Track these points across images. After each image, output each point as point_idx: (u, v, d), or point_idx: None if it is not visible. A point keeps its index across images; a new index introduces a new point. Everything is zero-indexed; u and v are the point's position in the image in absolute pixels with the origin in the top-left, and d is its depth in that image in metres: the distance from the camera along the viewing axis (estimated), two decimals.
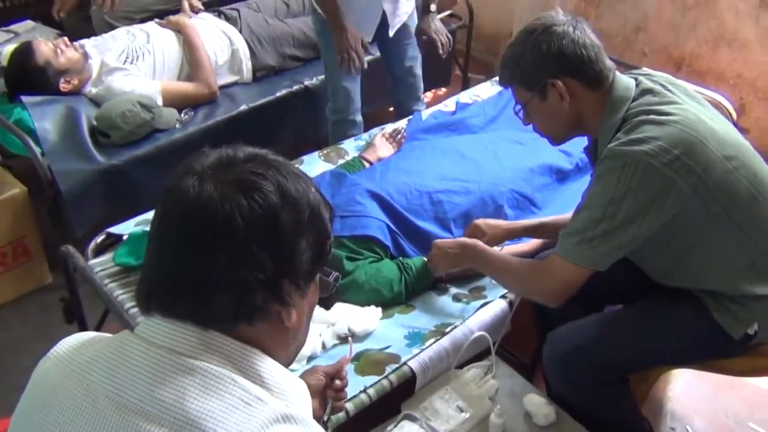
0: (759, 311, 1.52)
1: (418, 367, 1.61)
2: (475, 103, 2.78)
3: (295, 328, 0.86)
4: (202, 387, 0.76)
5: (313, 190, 0.85)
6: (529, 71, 1.51)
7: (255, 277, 0.78)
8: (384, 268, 1.84)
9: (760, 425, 2.08)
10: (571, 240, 1.45)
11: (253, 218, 0.77)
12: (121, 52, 2.74)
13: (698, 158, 1.37)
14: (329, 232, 0.87)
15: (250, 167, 0.81)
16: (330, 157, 2.45)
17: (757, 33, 3.08)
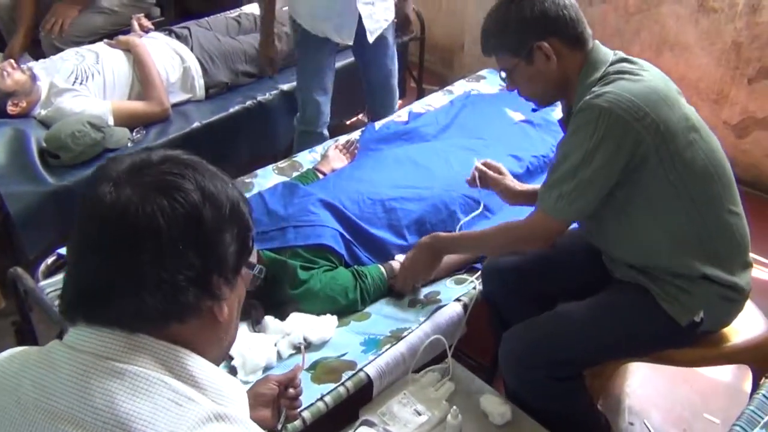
0: (702, 296, 1.56)
1: (374, 373, 1.62)
2: (427, 113, 2.82)
3: (227, 322, 0.87)
4: (131, 390, 0.76)
5: (231, 186, 0.86)
6: (514, 37, 1.57)
7: (184, 275, 0.78)
8: (339, 276, 1.85)
9: (714, 415, 2.13)
10: (551, 194, 1.54)
11: (176, 218, 0.77)
12: (70, 73, 2.72)
13: (665, 120, 1.45)
14: (250, 225, 0.88)
15: (165, 168, 0.81)
16: (284, 170, 2.46)
17: (697, 36, 3.18)
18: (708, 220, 1.54)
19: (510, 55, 1.60)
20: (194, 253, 0.79)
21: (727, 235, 1.57)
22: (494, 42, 1.62)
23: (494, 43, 1.62)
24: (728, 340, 1.69)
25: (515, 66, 1.60)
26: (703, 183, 1.52)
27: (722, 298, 1.60)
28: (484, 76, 3.19)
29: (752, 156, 3.21)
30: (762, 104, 3.10)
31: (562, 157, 1.52)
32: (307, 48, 2.65)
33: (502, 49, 1.61)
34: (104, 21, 3.47)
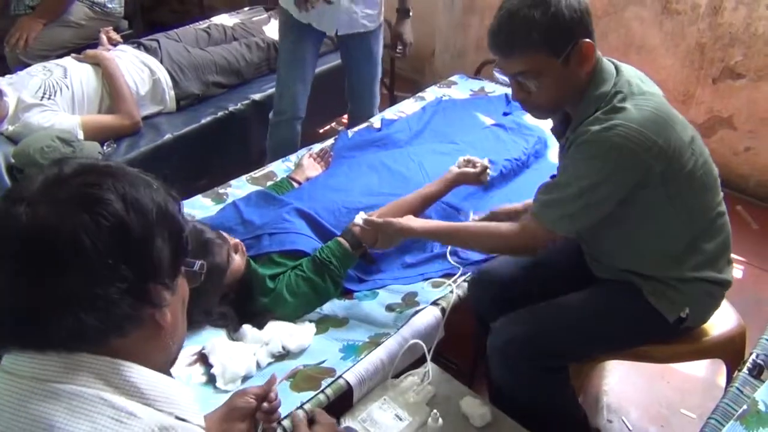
0: (689, 294, 1.60)
1: (354, 380, 1.62)
2: (400, 119, 2.83)
3: (172, 326, 0.85)
4: (69, 411, 0.74)
5: (155, 187, 0.83)
6: (561, 31, 1.42)
7: (118, 288, 0.76)
8: (304, 272, 1.83)
9: (691, 410, 2.16)
10: (553, 212, 1.53)
11: (100, 232, 0.74)
12: (37, 88, 2.68)
13: (672, 144, 1.45)
14: (182, 225, 0.85)
15: (82, 180, 0.77)
16: (258, 180, 2.45)
17: (662, 39, 3.24)
18: (701, 226, 1.58)
19: (546, 54, 1.44)
20: (126, 265, 0.76)
21: (717, 237, 1.61)
22: (537, 37, 1.41)
23: (538, 39, 1.41)
24: (702, 335, 1.72)
25: (546, 67, 1.45)
26: (698, 193, 1.55)
27: (708, 295, 1.64)
28: (455, 82, 3.22)
29: (719, 154, 3.25)
30: (726, 103, 3.17)
31: (568, 180, 1.50)
32: (291, 35, 2.69)
33: (540, 46, 1.43)
34: (71, 34, 3.44)
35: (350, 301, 1.94)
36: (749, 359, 1.61)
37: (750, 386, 1.54)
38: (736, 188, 3.24)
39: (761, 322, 1.79)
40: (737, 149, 3.22)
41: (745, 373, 1.58)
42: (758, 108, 3.08)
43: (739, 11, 2.96)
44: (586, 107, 1.50)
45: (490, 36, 1.49)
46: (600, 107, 1.48)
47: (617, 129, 1.42)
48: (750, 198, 3.22)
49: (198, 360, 1.69)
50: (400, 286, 1.97)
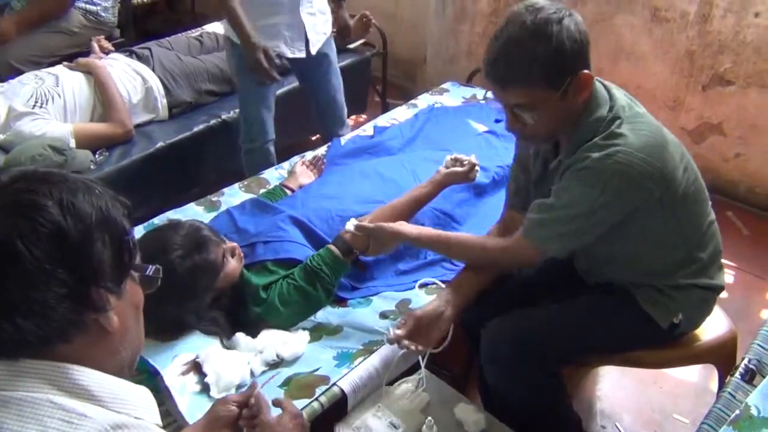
0: (682, 300, 1.61)
1: (348, 387, 1.62)
2: (392, 126, 2.84)
3: (121, 332, 0.84)
4: (18, 417, 0.74)
5: (97, 192, 0.82)
6: (562, 65, 1.39)
7: (55, 293, 0.75)
8: (295, 281, 1.82)
9: (684, 415, 2.17)
10: (544, 232, 1.52)
11: (38, 238, 0.74)
12: (29, 97, 2.68)
13: (669, 167, 1.45)
14: (125, 228, 0.84)
15: (19, 187, 0.78)
16: (251, 187, 2.45)
17: (652, 46, 3.27)
18: (694, 239, 1.59)
19: (545, 88, 1.40)
20: (63, 270, 0.76)
21: (710, 245, 1.62)
22: (536, 69, 1.37)
23: (532, 72, 1.38)
24: (693, 340, 1.73)
25: (543, 100, 1.42)
26: (691, 209, 1.55)
27: (701, 300, 1.65)
28: (447, 89, 3.23)
29: (709, 161, 3.29)
30: (716, 110, 3.19)
31: (563, 204, 1.49)
32: (244, 67, 2.57)
33: (539, 80, 1.39)
34: (64, 42, 3.44)
35: (344, 308, 1.94)
36: (741, 364, 1.62)
37: (742, 391, 1.56)
38: (726, 194, 3.26)
39: (753, 327, 1.80)
40: (727, 155, 3.24)
41: (737, 378, 1.59)
42: (747, 114, 3.11)
43: (728, 19, 2.99)
44: (583, 133, 1.49)
45: (487, 65, 1.44)
46: (598, 132, 1.46)
47: (618, 156, 1.40)
48: (740, 204, 3.24)
49: (192, 369, 1.68)
50: (393, 293, 1.97)
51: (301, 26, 2.61)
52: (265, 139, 2.76)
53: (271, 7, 2.52)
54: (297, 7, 2.56)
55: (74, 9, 3.50)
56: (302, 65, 2.75)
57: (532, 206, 1.57)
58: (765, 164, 3.14)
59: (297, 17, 2.58)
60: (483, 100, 3.09)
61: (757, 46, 2.95)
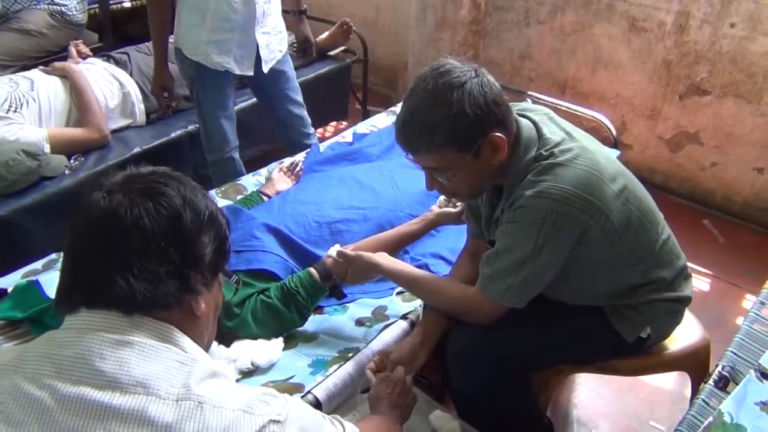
0: (650, 314, 1.61)
1: (322, 395, 1.60)
2: (371, 133, 2.84)
3: (205, 318, 0.99)
4: (142, 355, 0.88)
5: (210, 200, 0.99)
6: (466, 130, 1.37)
7: (165, 268, 0.91)
8: (271, 300, 1.79)
9: (660, 422, 2.18)
10: (498, 285, 1.50)
11: (159, 218, 0.91)
12: (3, 101, 2.63)
13: (604, 198, 1.42)
14: (227, 234, 1.01)
15: (153, 178, 0.95)
16: (228, 193, 2.43)
17: (630, 55, 3.30)
18: (650, 259, 1.57)
19: (454, 152, 1.39)
20: (174, 250, 0.91)
21: (667, 263, 1.61)
22: (440, 139, 1.37)
23: (440, 141, 1.37)
24: (667, 348, 1.74)
25: (456, 162, 1.41)
26: (638, 234, 1.53)
27: (668, 312, 1.65)
28: None
29: (686, 169, 3.33)
30: (693, 119, 3.23)
31: (507, 247, 1.47)
32: (206, 81, 2.58)
33: (446, 146, 1.38)
34: (33, 44, 3.38)
35: (320, 316, 1.93)
36: (715, 371, 1.63)
37: (716, 398, 1.56)
38: (702, 202, 3.30)
39: (728, 336, 1.81)
40: (704, 164, 3.28)
41: (710, 385, 1.59)
42: (723, 124, 3.14)
43: (704, 29, 3.03)
44: (514, 178, 1.47)
45: (395, 130, 1.45)
46: (529, 172, 1.45)
47: (551, 192, 1.39)
48: (716, 212, 3.28)
49: None
50: (370, 300, 1.96)
51: (253, 45, 2.57)
52: (229, 147, 2.73)
53: (225, 23, 2.47)
54: (251, 26, 2.52)
55: (38, 9, 3.44)
56: (257, 82, 2.72)
57: (483, 259, 1.55)
58: (741, 173, 3.18)
59: (251, 36, 2.54)
60: None
61: (733, 57, 2.99)
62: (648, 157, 3.40)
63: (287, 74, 2.80)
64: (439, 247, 2.16)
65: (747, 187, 3.18)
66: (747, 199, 3.20)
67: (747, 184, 3.18)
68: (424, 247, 2.16)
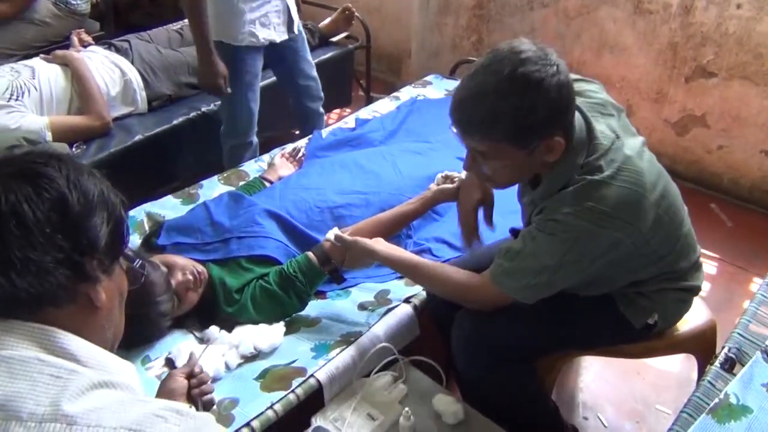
0: (659, 301, 1.60)
1: (325, 379, 1.59)
2: (374, 119, 2.82)
3: (107, 309, 0.88)
4: (8, 373, 0.76)
5: (99, 179, 0.88)
6: (530, 130, 1.28)
7: (53, 257, 0.80)
8: (270, 286, 1.79)
9: (666, 406, 2.17)
10: (513, 282, 1.47)
11: (41, 202, 0.80)
12: (5, 89, 2.63)
13: (644, 214, 1.38)
14: (123, 216, 0.90)
15: (30, 158, 0.84)
16: (230, 179, 2.42)
17: (635, 38, 3.26)
18: (667, 256, 1.53)
19: (509, 145, 1.31)
20: (62, 236, 0.80)
21: (683, 257, 1.58)
22: (499, 129, 1.28)
23: (496, 129, 1.28)
24: (673, 330, 1.72)
25: (506, 154, 1.34)
26: (665, 236, 1.48)
27: (677, 301, 1.63)
28: (430, 82, 3.21)
29: (693, 153, 3.29)
30: (699, 102, 3.19)
31: (531, 253, 1.42)
32: (242, 64, 2.58)
33: (499, 137, 1.30)
34: (36, 33, 3.39)
35: (323, 300, 1.92)
36: (721, 353, 1.61)
37: (722, 380, 1.55)
38: (709, 186, 3.27)
39: (733, 317, 1.80)
40: (710, 147, 3.24)
41: (716, 367, 1.58)
42: (730, 106, 3.11)
43: (710, 11, 2.99)
44: (557, 178, 1.40)
45: (452, 104, 1.35)
46: (573, 180, 1.38)
47: (589, 214, 1.34)
48: (723, 195, 3.25)
49: (165, 365, 1.66)
50: (372, 284, 1.96)
51: (285, 8, 2.62)
52: (252, 131, 2.75)
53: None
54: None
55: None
56: (280, 51, 2.71)
57: (500, 251, 1.51)
58: (748, 156, 3.14)
59: (283, 1, 2.59)
60: None
61: (739, 38, 2.95)
62: (654, 141, 3.37)
63: (302, 33, 2.82)
64: (442, 231, 2.15)
65: (754, 170, 3.15)
66: (754, 182, 3.17)
67: (754, 167, 3.15)
68: (427, 232, 2.15)
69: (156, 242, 1.92)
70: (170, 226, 1.98)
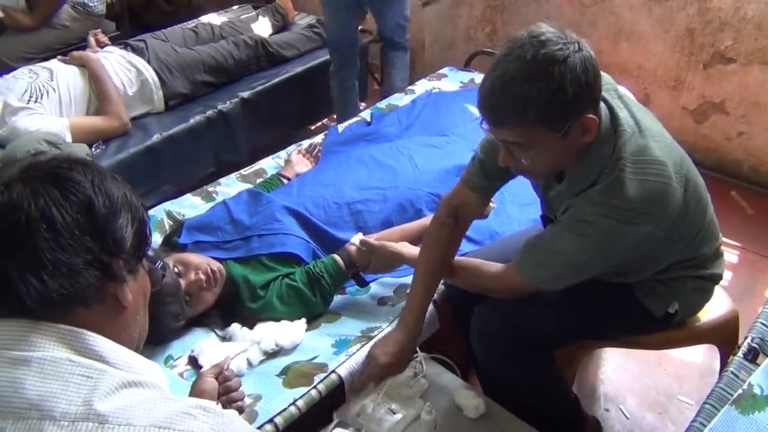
0: (679, 289, 1.58)
1: (346, 374, 1.61)
2: (390, 113, 2.81)
3: (133, 309, 0.90)
4: (41, 374, 0.77)
5: (121, 183, 0.90)
6: (562, 109, 1.25)
7: (83, 258, 0.82)
8: (296, 284, 1.81)
9: (689, 397, 2.15)
10: (543, 273, 1.49)
11: (69, 206, 0.82)
12: (24, 92, 2.67)
13: (672, 204, 1.37)
14: (145, 218, 0.93)
15: (55, 163, 0.86)
16: (248, 177, 2.44)
17: (651, 25, 3.23)
18: (692, 243, 1.52)
19: (543, 129, 1.28)
20: (90, 238, 0.83)
21: (705, 244, 1.57)
22: (530, 113, 1.24)
23: (527, 115, 1.25)
24: (695, 321, 1.71)
25: (541, 140, 1.30)
26: (691, 222, 1.47)
27: (699, 290, 1.62)
28: (445, 74, 3.20)
29: (711, 140, 3.26)
30: (717, 89, 3.15)
31: (561, 250, 1.43)
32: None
33: (536, 122, 1.27)
34: (56, 37, 3.44)
35: (342, 296, 1.93)
36: (744, 343, 1.59)
37: (745, 370, 1.53)
38: (729, 173, 3.23)
39: (757, 307, 1.78)
40: (730, 134, 3.20)
41: (740, 358, 1.56)
42: (749, 92, 3.06)
43: None
44: (586, 173, 1.39)
45: (480, 98, 1.31)
46: (601, 175, 1.37)
47: (618, 212, 1.34)
48: (744, 183, 3.21)
49: (188, 363, 1.68)
50: (392, 279, 1.96)
51: None
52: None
53: None
54: None
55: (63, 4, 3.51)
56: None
57: (528, 244, 1.51)
58: None
59: None
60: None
61: (758, 22, 2.91)
62: (672, 129, 3.26)
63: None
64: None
65: None
66: None
67: None
68: None
69: (177, 241, 1.94)
70: (191, 224, 1.99)
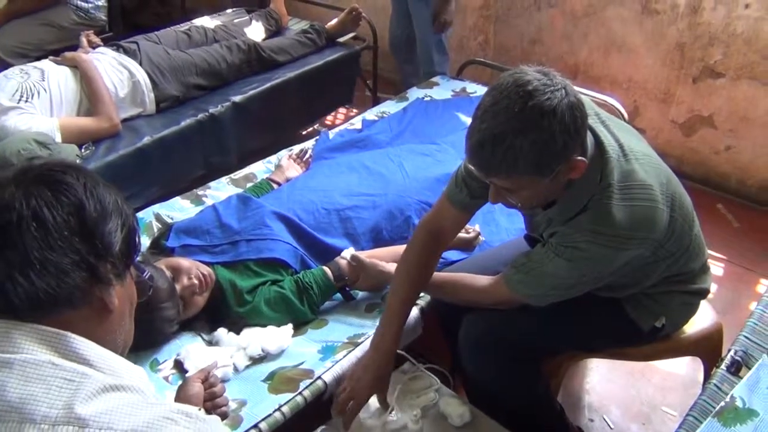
0: (667, 304, 1.60)
1: (331, 380, 1.61)
2: (381, 120, 2.83)
3: (119, 314, 0.91)
4: (23, 377, 0.78)
5: (113, 191, 0.92)
6: (551, 157, 1.26)
7: (71, 259, 0.83)
8: (284, 292, 1.81)
9: (672, 408, 2.17)
10: (530, 290, 1.51)
11: (60, 207, 0.83)
12: (14, 91, 2.65)
13: (660, 226, 1.39)
14: (134, 225, 0.93)
15: (48, 167, 0.88)
16: (238, 181, 2.44)
17: (642, 38, 3.26)
18: (680, 259, 1.54)
19: (533, 176, 1.29)
20: (79, 240, 0.84)
21: (693, 259, 1.58)
22: (521, 164, 1.25)
23: (518, 166, 1.25)
24: (680, 333, 1.72)
25: (532, 185, 1.32)
26: (678, 239, 1.48)
27: (685, 304, 1.64)
28: (437, 83, 3.21)
29: (700, 153, 3.29)
30: (707, 103, 3.18)
31: (548, 272, 1.45)
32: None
33: (525, 172, 1.28)
34: (53, 36, 3.44)
35: (330, 302, 1.93)
36: (727, 356, 1.61)
37: (728, 383, 1.55)
38: (717, 187, 3.26)
39: (741, 320, 1.79)
40: (718, 148, 3.24)
41: (722, 370, 1.58)
42: (738, 107, 3.10)
43: (718, 11, 2.98)
44: (575, 201, 1.40)
45: (469, 150, 1.31)
46: (589, 203, 1.38)
47: (607, 239, 1.36)
48: (731, 196, 3.24)
49: (173, 367, 1.67)
50: None
51: None
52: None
53: None
54: None
55: (66, 5, 3.50)
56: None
57: (516, 262, 1.52)
58: (756, 156, 3.14)
59: None
60: (472, 93, 3.07)
61: (748, 38, 2.95)
62: (661, 142, 3.36)
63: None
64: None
65: (762, 170, 3.14)
66: (762, 183, 3.16)
67: (762, 168, 3.14)
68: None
69: (165, 244, 1.93)
70: (179, 228, 1.99)
